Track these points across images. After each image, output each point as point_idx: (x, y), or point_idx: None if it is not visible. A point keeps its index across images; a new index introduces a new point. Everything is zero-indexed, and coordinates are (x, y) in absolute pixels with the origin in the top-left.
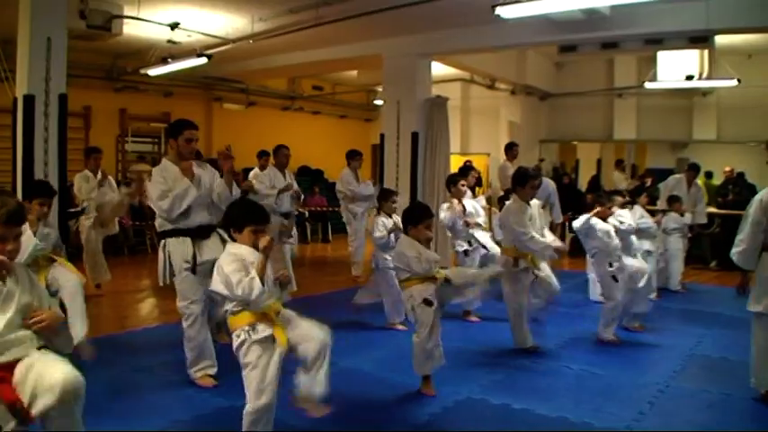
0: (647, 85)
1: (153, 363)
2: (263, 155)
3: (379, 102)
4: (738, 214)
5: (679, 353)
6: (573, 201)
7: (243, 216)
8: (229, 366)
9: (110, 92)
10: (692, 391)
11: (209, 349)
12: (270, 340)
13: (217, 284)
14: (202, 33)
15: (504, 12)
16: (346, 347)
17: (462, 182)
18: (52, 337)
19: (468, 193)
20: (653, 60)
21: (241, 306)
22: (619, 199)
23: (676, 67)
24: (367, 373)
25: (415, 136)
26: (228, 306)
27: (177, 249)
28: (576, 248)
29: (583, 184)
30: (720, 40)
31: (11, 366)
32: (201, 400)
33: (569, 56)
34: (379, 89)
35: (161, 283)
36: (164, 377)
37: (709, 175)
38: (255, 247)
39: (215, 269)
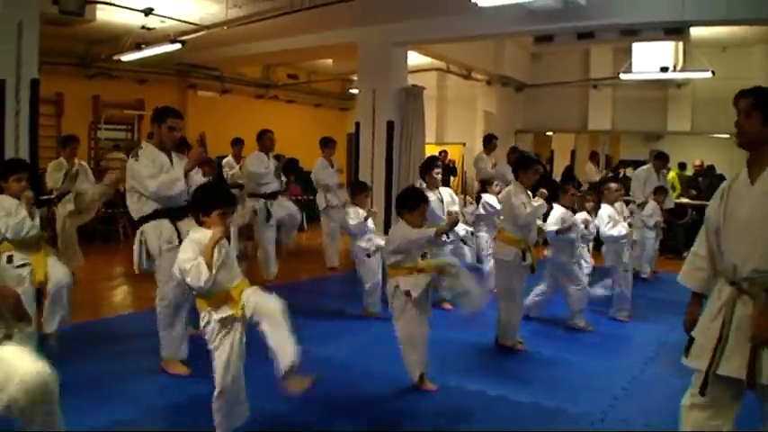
0: (623, 76)
1: (127, 350)
2: (237, 143)
3: (354, 91)
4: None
5: (652, 340)
6: (547, 191)
7: (210, 199)
8: (203, 355)
9: (83, 78)
10: (666, 377)
11: (183, 336)
12: (231, 320)
13: (175, 268)
14: (176, 19)
15: (481, 0)
16: (321, 335)
17: (437, 170)
18: (10, 318)
19: None
20: (628, 52)
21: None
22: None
23: (651, 59)
24: (341, 361)
25: (390, 125)
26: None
27: (154, 233)
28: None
29: (557, 174)
30: (695, 32)
31: None
32: (175, 387)
33: (545, 46)
34: (355, 78)
35: (136, 271)
36: (138, 364)
37: (682, 166)
38: (226, 230)
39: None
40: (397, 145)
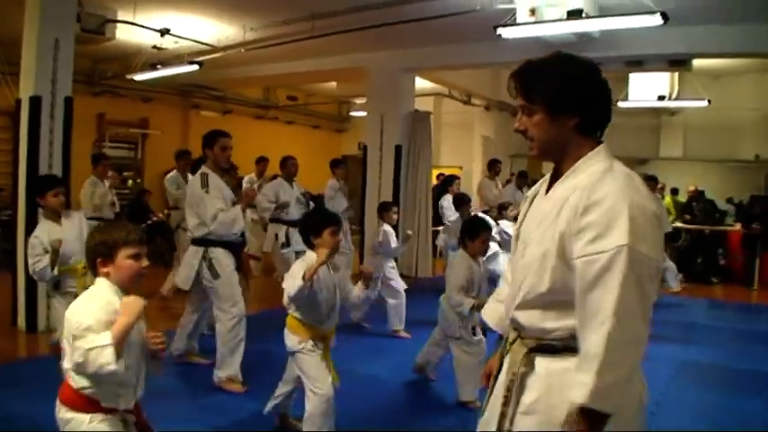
0: (620, 104)
1: (175, 369)
2: (261, 161)
3: (355, 113)
4: (702, 229)
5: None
6: None
7: (320, 221)
8: (255, 372)
9: (88, 96)
10: (690, 395)
11: (239, 355)
12: (321, 357)
13: (286, 283)
14: (193, 40)
15: (505, 32)
16: (358, 354)
17: (512, 209)
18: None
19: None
20: (624, 80)
21: (304, 316)
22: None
23: (648, 88)
24: (386, 380)
25: (398, 149)
26: (291, 309)
27: (224, 256)
28: None
29: None
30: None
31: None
32: (235, 404)
33: None
34: (356, 101)
35: (186, 288)
36: (191, 383)
37: (674, 191)
38: (335, 247)
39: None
40: (404, 169)
